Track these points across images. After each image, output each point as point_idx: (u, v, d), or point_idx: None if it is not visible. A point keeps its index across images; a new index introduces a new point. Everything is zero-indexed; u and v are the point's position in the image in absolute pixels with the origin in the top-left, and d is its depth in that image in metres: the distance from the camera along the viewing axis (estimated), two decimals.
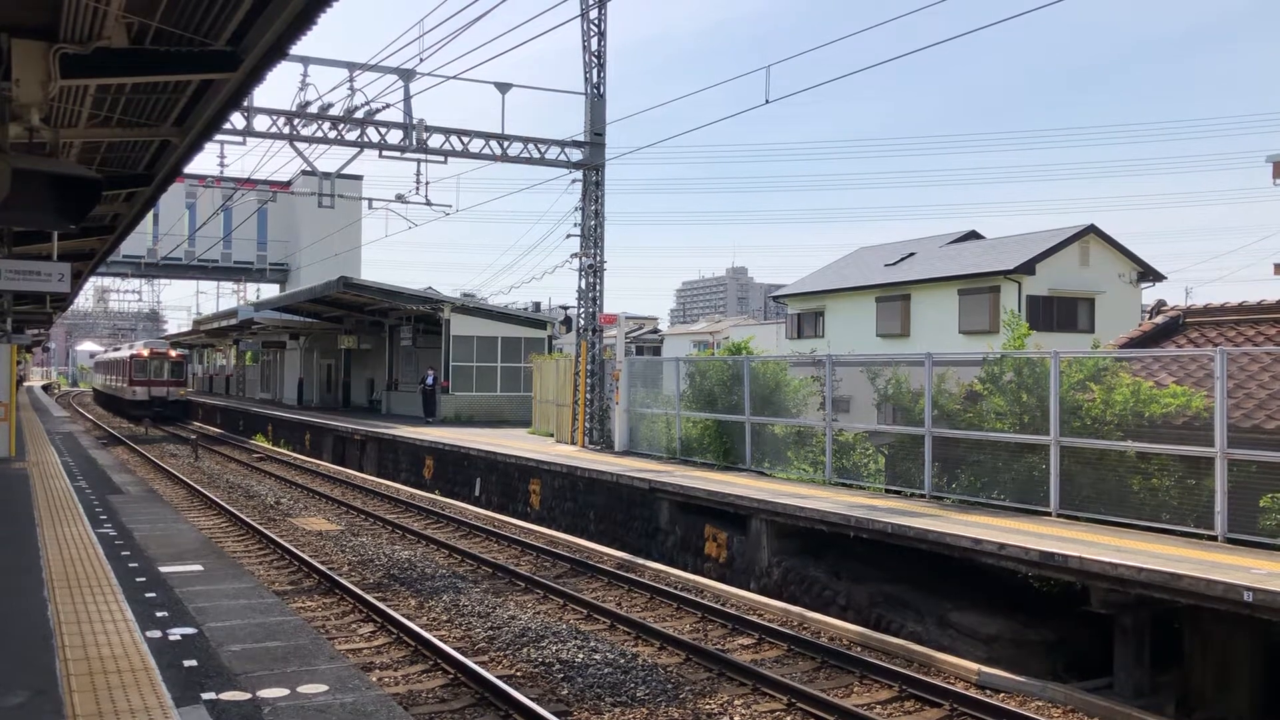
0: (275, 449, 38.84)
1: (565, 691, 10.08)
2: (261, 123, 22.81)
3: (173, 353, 57.21)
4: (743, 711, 9.54)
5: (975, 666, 10.90)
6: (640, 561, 16.74)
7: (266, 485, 27.03)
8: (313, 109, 23.11)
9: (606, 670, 10.66)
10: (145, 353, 55.31)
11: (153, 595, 11.36)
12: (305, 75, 23.17)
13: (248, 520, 20.05)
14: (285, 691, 8.05)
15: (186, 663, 8.79)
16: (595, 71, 25.60)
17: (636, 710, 9.56)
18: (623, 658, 11.05)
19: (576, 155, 25.74)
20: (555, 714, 9.11)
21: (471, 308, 38.57)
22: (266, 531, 18.67)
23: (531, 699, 9.47)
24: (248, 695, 7.95)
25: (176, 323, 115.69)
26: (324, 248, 53.78)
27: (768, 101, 18.40)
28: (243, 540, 18.63)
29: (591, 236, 25.76)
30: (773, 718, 9.41)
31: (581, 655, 11.19)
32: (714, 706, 9.67)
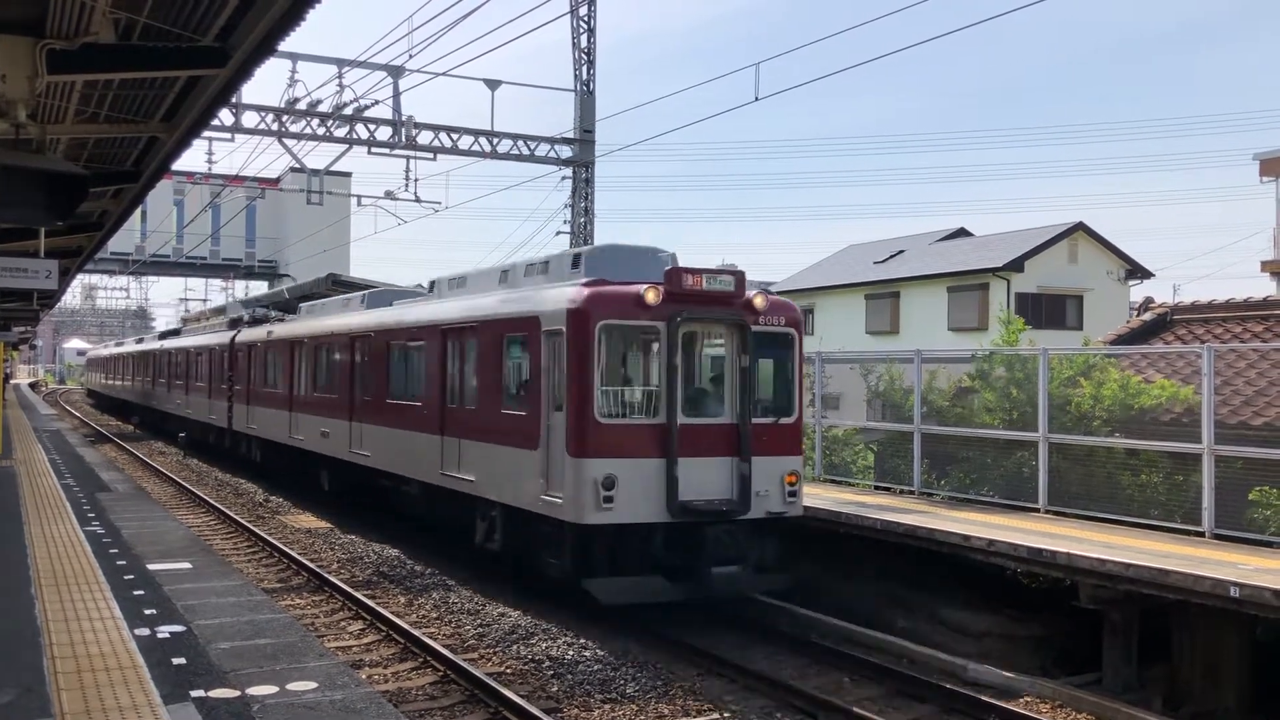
0: None
1: (555, 688, 10.08)
2: (250, 119, 22.78)
3: (754, 303, 12.70)
4: (733, 708, 9.55)
5: (965, 662, 10.94)
6: None
7: (255, 482, 26.92)
8: (301, 106, 23.09)
9: (596, 667, 10.65)
10: (649, 299, 11.97)
11: (141, 593, 11.32)
12: (294, 72, 23.17)
13: (236, 518, 19.98)
14: (274, 689, 8.04)
15: (175, 660, 8.77)
16: (585, 68, 25.60)
17: (627, 707, 9.56)
18: (613, 654, 11.05)
19: (566, 152, 25.74)
20: (545, 711, 9.11)
21: None
22: (255, 529, 18.62)
23: (521, 696, 9.47)
24: (237, 693, 7.94)
25: (165, 320, 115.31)
26: (313, 245, 53.59)
27: (757, 99, 18.41)
28: (231, 538, 18.57)
29: (581, 234, 25.76)
30: (763, 714, 9.41)
31: (571, 652, 11.18)
32: (703, 703, 9.67)
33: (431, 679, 10.39)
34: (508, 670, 10.67)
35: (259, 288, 69.95)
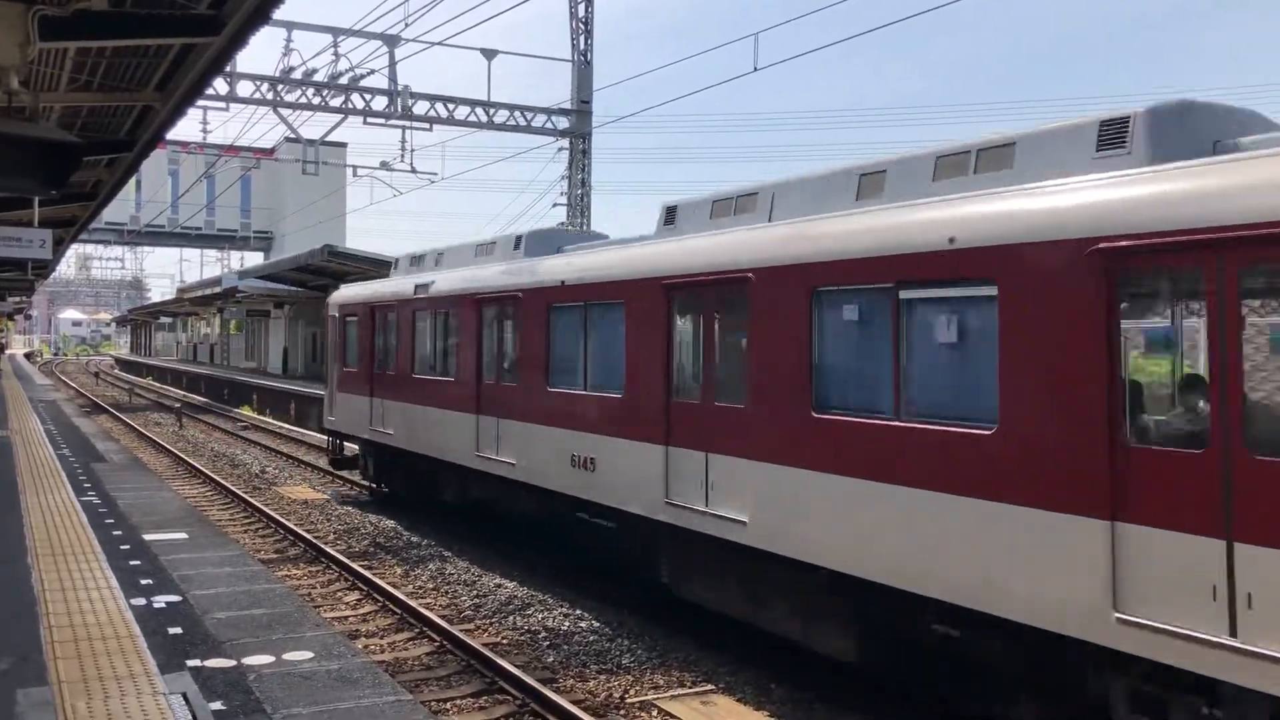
0: (260, 418, 38.72)
1: (551, 659, 10.13)
2: (245, 88, 22.67)
3: None
4: (728, 679, 9.59)
5: None
6: None
7: (251, 454, 26.97)
8: (297, 75, 22.97)
9: (592, 638, 10.70)
10: None
11: (137, 563, 11.33)
12: (289, 40, 23.08)
13: (232, 489, 20.02)
14: (270, 659, 8.05)
15: (171, 630, 8.78)
16: (583, 39, 25.46)
17: (622, 678, 9.60)
18: (608, 626, 11.10)
19: (563, 123, 25.63)
20: (540, 681, 9.15)
21: None
22: (251, 500, 18.66)
23: (517, 666, 9.50)
24: (233, 662, 7.95)
25: (160, 291, 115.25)
26: (308, 215, 53.44)
27: (756, 69, 18.30)
28: (227, 509, 18.61)
29: (578, 206, 25.71)
30: (757, 688, 9.45)
31: (568, 623, 11.23)
32: (698, 675, 9.71)
33: (428, 649, 10.43)
34: (504, 641, 10.71)
35: (255, 258, 69.83)
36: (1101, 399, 6.43)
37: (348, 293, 19.89)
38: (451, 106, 24.82)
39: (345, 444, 20.42)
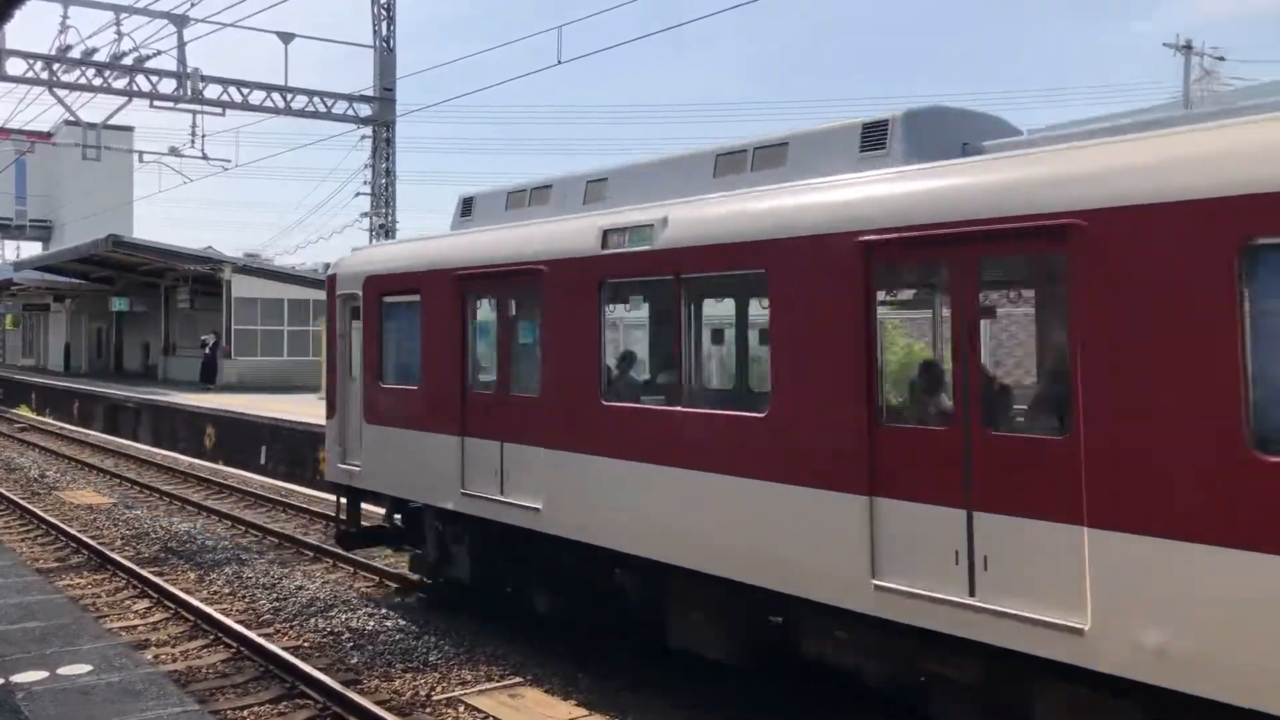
0: (40, 419, 36.40)
1: (355, 660, 9.87)
2: (16, 66, 21.22)
3: None
4: (536, 670, 9.56)
5: None
6: None
7: (30, 457, 25.31)
8: (75, 53, 21.63)
9: (399, 637, 10.49)
10: None
11: None
12: (65, 17, 21.70)
13: (7, 494, 18.75)
14: (44, 674, 7.54)
15: None
16: (385, 24, 24.90)
17: (429, 675, 9.45)
18: (415, 625, 10.90)
19: (365, 110, 25.03)
20: (343, 683, 8.89)
21: (255, 268, 36.95)
22: (29, 506, 17.53)
23: (319, 669, 9.22)
24: (0, 680, 7.41)
25: None
26: (92, 203, 50.44)
27: (560, 62, 18.31)
28: (1, 516, 17.37)
29: (383, 195, 25.19)
30: (564, 678, 9.45)
31: (373, 623, 10.97)
32: (506, 668, 9.64)
33: (223, 656, 10.00)
34: (305, 644, 10.37)
35: (32, 248, 65.48)
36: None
37: (382, 258, 12.20)
38: (246, 91, 23.84)
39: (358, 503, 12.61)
